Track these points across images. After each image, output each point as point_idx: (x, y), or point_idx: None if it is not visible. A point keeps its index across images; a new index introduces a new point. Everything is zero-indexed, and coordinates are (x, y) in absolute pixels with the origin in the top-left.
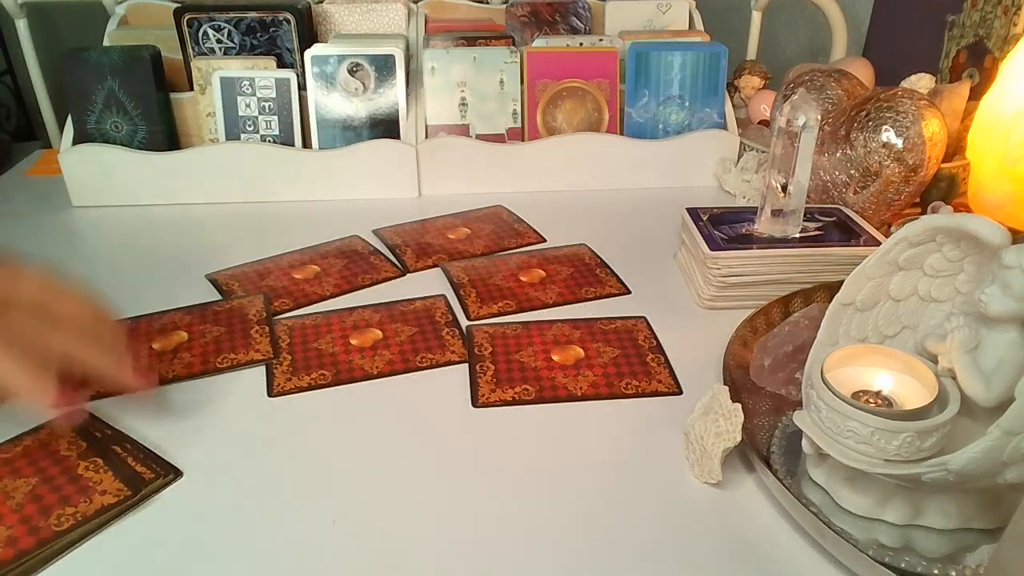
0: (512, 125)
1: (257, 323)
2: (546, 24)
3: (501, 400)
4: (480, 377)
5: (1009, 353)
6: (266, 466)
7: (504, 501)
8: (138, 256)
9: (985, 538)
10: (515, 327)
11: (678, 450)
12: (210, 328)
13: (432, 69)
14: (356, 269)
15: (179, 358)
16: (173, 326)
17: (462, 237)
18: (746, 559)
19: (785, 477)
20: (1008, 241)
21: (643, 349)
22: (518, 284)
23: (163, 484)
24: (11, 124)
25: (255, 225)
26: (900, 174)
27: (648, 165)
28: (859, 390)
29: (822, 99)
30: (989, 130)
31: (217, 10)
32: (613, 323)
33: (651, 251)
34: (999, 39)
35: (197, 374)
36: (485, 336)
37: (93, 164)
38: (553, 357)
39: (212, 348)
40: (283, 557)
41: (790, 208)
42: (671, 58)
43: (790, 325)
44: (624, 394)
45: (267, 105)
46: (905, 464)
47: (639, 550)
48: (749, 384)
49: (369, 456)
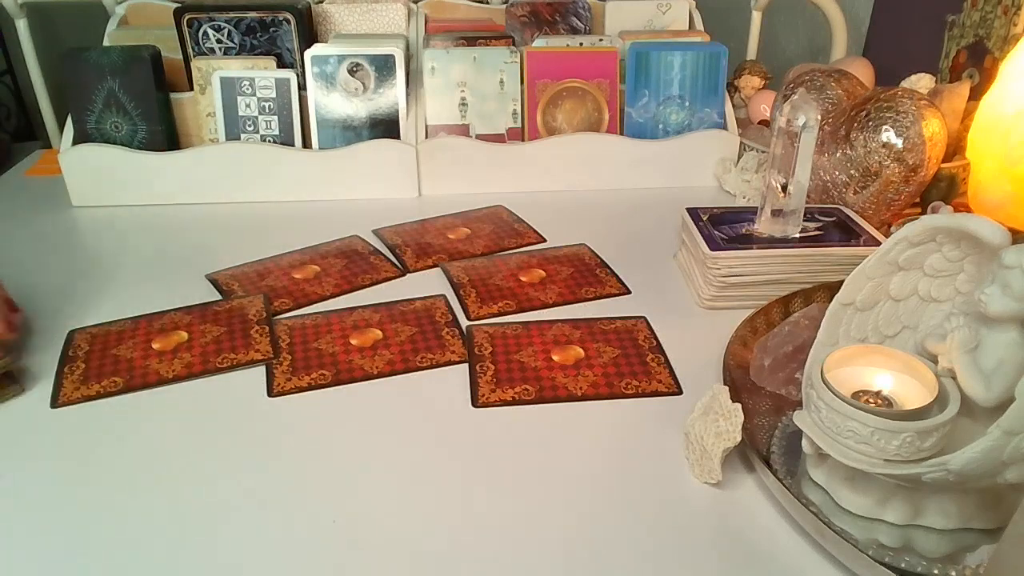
0: (512, 125)
1: (257, 323)
2: (546, 24)
3: (501, 400)
4: (480, 377)
5: (1009, 353)
6: (266, 466)
7: (504, 501)
8: (138, 256)
9: (985, 538)
10: (515, 327)
11: (678, 450)
12: (210, 328)
13: (432, 69)
14: (356, 269)
15: (179, 358)
16: (173, 326)
17: (462, 237)
18: (746, 559)
19: (785, 477)
20: (1008, 241)
21: (643, 349)
22: (518, 284)
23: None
24: (11, 124)
25: (255, 225)
26: (900, 174)
27: (648, 165)
28: (859, 390)
29: (822, 99)
30: (989, 130)
31: (217, 10)
32: (613, 323)
33: (651, 251)
34: (999, 39)
35: (197, 374)
36: (485, 336)
37: (93, 164)
38: (553, 357)
39: (212, 348)
40: (283, 557)
41: (790, 208)
42: (671, 58)
43: (790, 325)
44: (624, 394)
45: (267, 105)
46: (905, 464)
47: (639, 550)
48: (749, 384)
49: (369, 456)
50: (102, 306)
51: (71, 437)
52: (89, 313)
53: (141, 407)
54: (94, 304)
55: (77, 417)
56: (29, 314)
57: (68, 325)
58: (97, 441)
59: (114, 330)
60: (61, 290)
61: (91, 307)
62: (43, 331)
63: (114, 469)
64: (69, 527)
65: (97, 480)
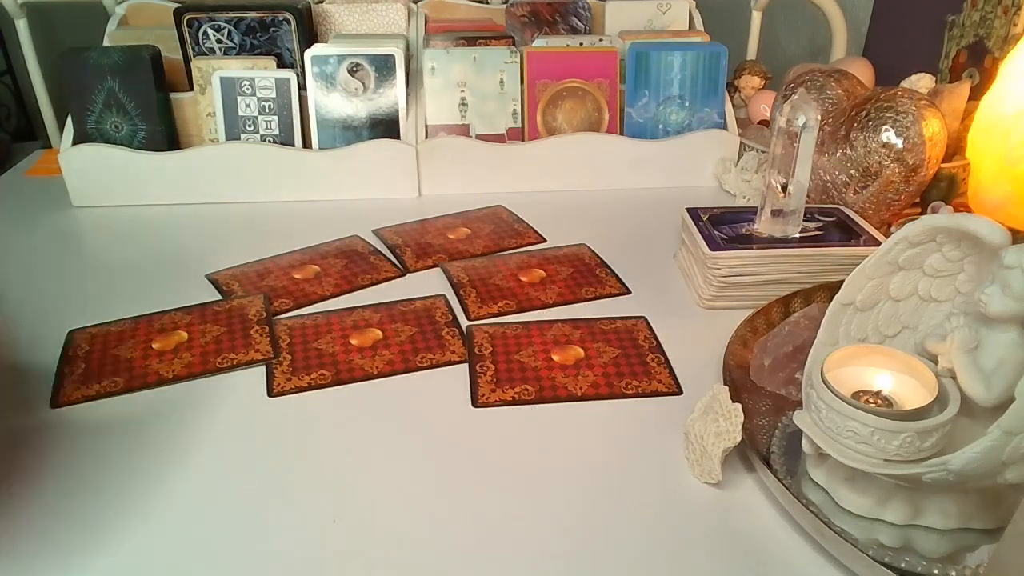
0: (512, 125)
1: (257, 323)
2: (546, 24)
3: (501, 400)
4: (480, 377)
5: (1009, 353)
6: (266, 466)
7: (504, 501)
8: (138, 256)
9: (985, 538)
10: (515, 327)
11: (678, 450)
12: (210, 328)
13: (432, 69)
14: (356, 269)
15: (179, 358)
16: (173, 326)
17: (462, 237)
18: (746, 559)
19: (785, 477)
20: (1008, 241)
21: (643, 349)
22: (518, 284)
23: None
24: (11, 124)
25: (255, 225)
26: (900, 174)
27: (648, 165)
28: (859, 390)
29: (822, 99)
30: (989, 130)
31: (217, 10)
32: (613, 323)
33: (651, 251)
34: (999, 39)
35: (197, 374)
36: (485, 336)
37: (93, 164)
38: (553, 357)
39: (212, 348)
40: (283, 557)
41: (790, 208)
42: (671, 58)
43: (790, 325)
44: (624, 394)
45: (267, 105)
46: (905, 464)
47: (639, 550)
48: (749, 384)
49: (369, 456)
50: (102, 306)
51: (71, 438)
52: (89, 313)
53: (140, 407)
54: (94, 304)
55: (77, 417)
56: (29, 314)
57: (68, 325)
58: (97, 441)
59: (114, 330)
60: (61, 290)
61: (91, 307)
62: (43, 331)
63: (112, 469)
64: (68, 528)
65: (95, 481)
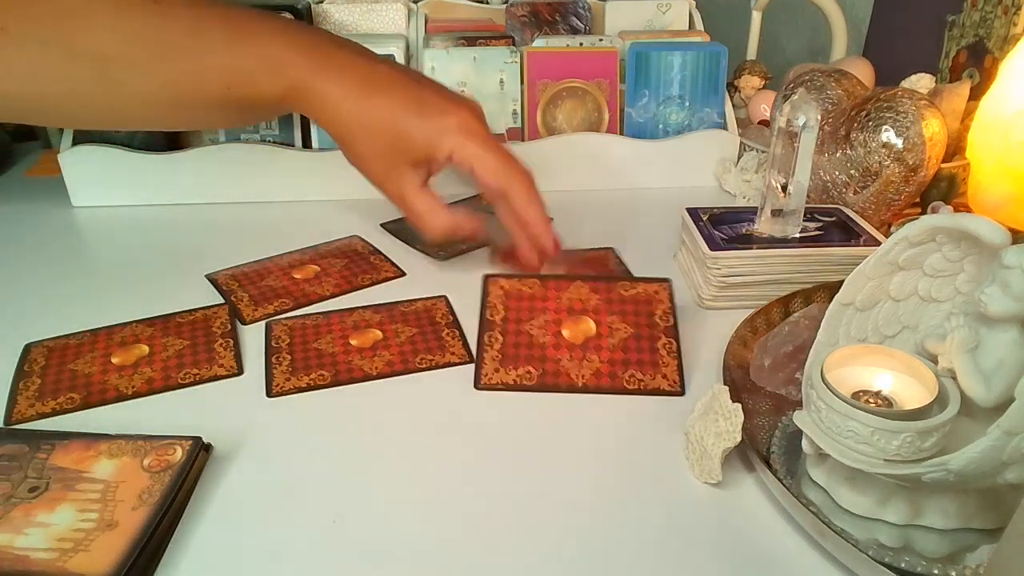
0: (512, 125)
1: (221, 336)
2: (546, 24)
3: (503, 383)
4: (486, 352)
5: (1009, 353)
6: (265, 466)
7: (504, 501)
8: (138, 256)
9: (985, 538)
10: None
11: (678, 450)
12: (172, 341)
13: (432, 69)
14: (356, 269)
15: (139, 373)
16: (134, 339)
17: None
18: (746, 559)
19: (785, 477)
20: (1008, 241)
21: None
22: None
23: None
24: (11, 124)
25: (255, 225)
26: (900, 174)
27: (648, 165)
28: (859, 390)
29: (822, 99)
30: (989, 130)
31: None
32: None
33: (651, 251)
34: (999, 39)
35: (159, 389)
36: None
37: (93, 164)
38: (562, 333)
39: (174, 362)
40: (283, 557)
41: (790, 208)
42: (671, 58)
43: (790, 325)
44: (626, 390)
45: None
46: (905, 464)
47: (638, 550)
48: (749, 384)
49: (368, 456)
50: (102, 306)
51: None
52: (89, 313)
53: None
54: (94, 304)
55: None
56: (29, 314)
57: (68, 326)
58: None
59: (72, 343)
60: (61, 290)
61: (91, 307)
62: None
63: None
64: None
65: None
